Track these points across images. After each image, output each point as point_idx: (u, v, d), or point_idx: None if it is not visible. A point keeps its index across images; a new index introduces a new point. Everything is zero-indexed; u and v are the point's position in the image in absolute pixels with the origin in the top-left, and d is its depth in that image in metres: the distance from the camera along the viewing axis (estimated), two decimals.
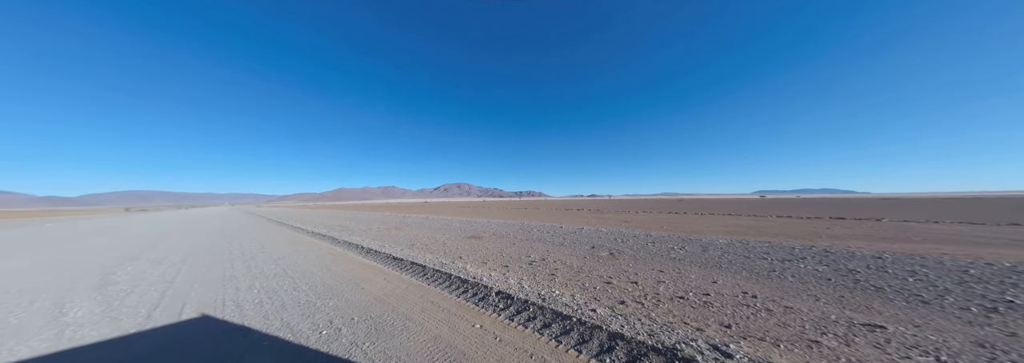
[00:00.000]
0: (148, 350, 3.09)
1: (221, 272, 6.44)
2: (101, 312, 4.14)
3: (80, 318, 3.91)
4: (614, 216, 22.17)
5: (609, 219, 19.29)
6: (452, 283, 5.25)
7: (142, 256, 8.35)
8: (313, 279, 5.79)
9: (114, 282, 5.67)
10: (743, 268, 5.93)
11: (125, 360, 2.91)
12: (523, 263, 6.65)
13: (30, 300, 4.67)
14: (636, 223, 16.14)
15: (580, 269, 6.06)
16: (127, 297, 4.78)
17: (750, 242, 8.98)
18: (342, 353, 3.02)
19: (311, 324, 3.68)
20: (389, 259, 7.51)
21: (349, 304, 4.38)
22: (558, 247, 8.60)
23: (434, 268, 6.17)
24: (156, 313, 4.08)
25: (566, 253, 7.72)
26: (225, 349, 3.09)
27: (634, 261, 6.72)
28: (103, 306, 4.37)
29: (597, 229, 13.00)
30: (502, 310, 4.03)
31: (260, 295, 4.85)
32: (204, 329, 3.58)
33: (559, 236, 10.84)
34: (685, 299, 4.28)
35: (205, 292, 5.02)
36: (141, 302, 4.54)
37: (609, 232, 11.82)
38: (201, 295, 4.86)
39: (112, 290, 5.16)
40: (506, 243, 9.55)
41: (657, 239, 9.82)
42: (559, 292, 4.60)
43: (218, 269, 6.73)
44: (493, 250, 8.36)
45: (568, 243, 9.28)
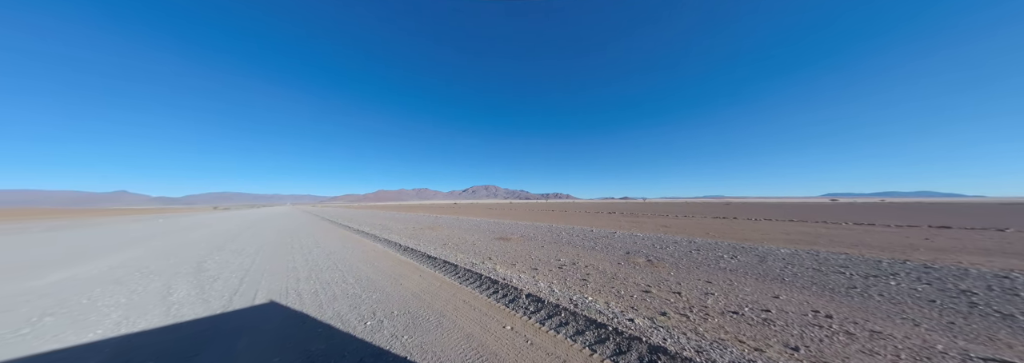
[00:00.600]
0: (230, 329, 3.61)
1: (284, 263, 7.33)
2: (196, 294, 4.96)
3: (181, 299, 4.73)
4: (650, 220, 20.74)
5: (645, 223, 18.09)
6: (482, 283, 5.33)
7: (226, 247, 9.86)
8: (359, 273, 6.31)
9: (205, 269, 6.77)
10: (813, 283, 5.13)
11: (214, 336, 3.43)
12: (552, 266, 6.52)
13: (148, 282, 5.77)
14: (676, 228, 14.92)
15: (614, 275, 5.75)
16: (215, 282, 5.67)
17: (820, 253, 7.75)
18: (384, 344, 3.22)
19: (357, 315, 4.00)
20: (424, 257, 7.90)
21: (389, 298, 4.68)
22: (589, 251, 8.28)
23: (465, 268, 6.33)
24: (235, 298, 4.76)
25: (598, 258, 7.40)
26: (289, 333, 3.49)
27: (676, 269, 6.19)
28: (197, 289, 5.24)
29: (631, 233, 12.27)
30: (533, 313, 3.98)
31: (315, 285, 5.41)
32: (272, 314, 4.10)
33: (589, 240, 10.44)
34: (740, 314, 3.82)
35: (272, 281, 5.74)
36: (225, 287, 5.34)
37: (645, 237, 11.08)
38: (269, 283, 5.57)
39: (204, 276, 6.16)
40: (534, 245, 9.46)
41: (702, 246, 8.95)
42: (592, 298, 4.41)
43: (282, 261, 7.67)
44: (521, 252, 8.34)
45: (599, 247, 8.89)
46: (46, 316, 3.98)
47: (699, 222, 18.81)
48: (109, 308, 4.28)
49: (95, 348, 3.12)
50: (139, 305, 4.40)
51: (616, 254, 7.90)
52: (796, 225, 16.19)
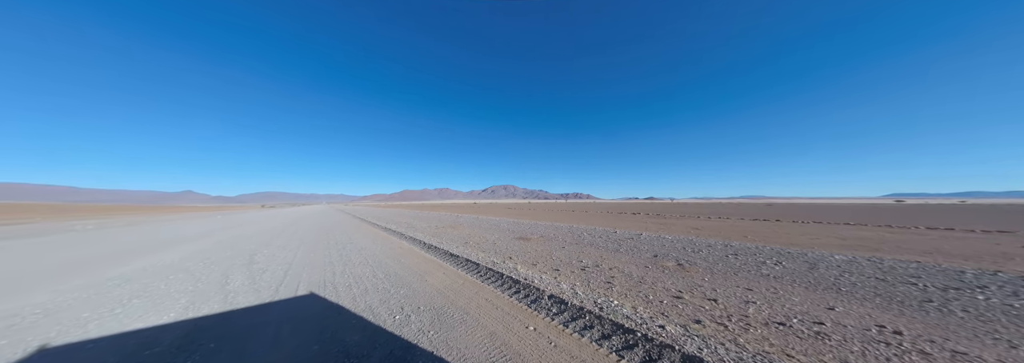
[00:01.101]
0: (277, 317, 3.97)
1: (322, 258, 7.91)
2: (248, 284, 5.51)
3: (236, 288, 5.28)
4: (679, 222, 19.61)
5: (673, 225, 17.14)
6: (504, 282, 5.36)
7: (272, 243, 10.87)
8: (387, 269, 6.63)
9: (256, 262, 7.50)
10: (876, 294, 4.54)
11: (263, 323, 3.79)
12: (575, 268, 6.38)
13: (210, 271, 6.51)
14: (709, 230, 13.96)
15: (641, 279, 5.50)
16: (263, 274, 6.26)
17: (885, 261, 6.84)
18: (412, 338, 3.35)
19: (387, 309, 4.20)
20: (446, 255, 8.11)
21: (416, 293, 4.86)
22: (613, 253, 8.00)
23: (487, 267, 6.41)
24: (281, 288, 5.23)
25: (623, 260, 7.12)
26: (327, 324, 3.76)
27: (710, 275, 5.79)
28: (249, 280, 5.81)
29: (659, 236, 11.68)
30: (555, 315, 3.93)
31: (349, 279, 5.77)
32: (312, 304, 4.44)
33: (613, 241, 10.09)
34: (787, 326, 3.48)
35: (312, 274, 6.22)
36: (272, 278, 5.88)
37: (675, 240, 10.48)
38: (310, 276, 6.04)
39: (255, 268, 6.83)
40: (555, 246, 9.33)
41: (740, 250, 8.29)
42: (618, 302, 4.25)
43: (320, 255, 8.29)
44: (542, 252, 8.27)
45: (624, 250, 8.55)
46: (134, 299, 4.65)
47: (735, 224, 17.45)
48: (180, 294, 4.89)
49: (169, 329, 3.58)
50: (202, 292, 4.99)
51: (643, 257, 7.55)
52: (853, 229, 14.43)
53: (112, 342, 3.23)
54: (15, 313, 4.02)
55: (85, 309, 4.18)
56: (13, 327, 3.57)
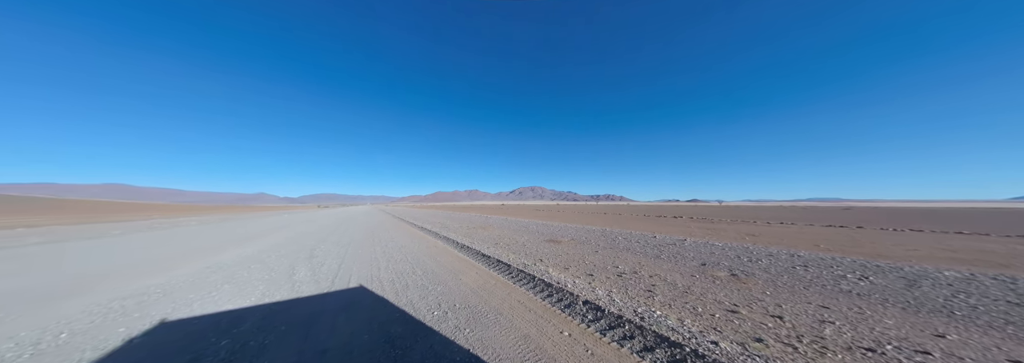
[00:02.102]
0: (336, 306, 4.42)
1: (369, 254, 8.65)
2: (310, 275, 6.24)
3: (301, 279, 6.01)
4: (730, 227, 17.69)
5: (724, 230, 15.51)
6: (536, 285, 5.32)
7: (328, 239, 12.19)
8: (425, 266, 7.01)
9: (315, 256, 8.47)
10: (1008, 322, 3.61)
11: (322, 311, 4.25)
12: (610, 274, 6.10)
13: (280, 263, 7.50)
14: (769, 237, 12.37)
15: (687, 289, 5.06)
16: (322, 267, 7.04)
17: (1020, 280, 5.40)
18: (449, 335, 3.49)
19: (426, 305, 4.44)
20: (478, 255, 8.32)
21: (451, 291, 5.06)
22: (652, 260, 7.47)
23: (518, 268, 6.43)
24: (336, 280, 5.82)
25: (665, 268, 6.62)
26: (374, 315, 4.09)
27: (773, 288, 5.12)
28: (311, 271, 6.58)
29: (707, 242, 10.64)
30: (591, 321, 3.79)
31: (392, 275, 6.22)
32: (363, 296, 4.87)
33: (652, 247, 9.43)
34: (879, 353, 2.93)
35: (361, 268, 6.83)
36: (329, 271, 6.58)
37: (726, 247, 9.47)
38: (360, 270, 6.64)
39: (314, 261, 7.71)
40: (587, 250, 9.02)
41: (811, 261, 7.20)
42: (661, 313, 3.96)
43: (367, 252, 9.07)
44: (574, 256, 8.04)
45: (666, 256, 7.94)
46: (224, 284, 5.55)
47: (801, 231, 15.20)
48: (258, 282, 5.72)
49: (251, 311, 4.21)
50: (274, 281, 5.77)
51: (688, 265, 6.94)
52: (969, 239, 11.65)
53: (210, 320, 3.90)
54: (143, 292, 5.05)
55: (190, 291, 5.10)
56: (142, 303, 4.50)
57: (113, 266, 7.08)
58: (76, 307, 4.26)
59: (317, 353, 3.05)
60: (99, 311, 4.11)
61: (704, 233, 13.92)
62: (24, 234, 14.32)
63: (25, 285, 5.43)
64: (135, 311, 4.15)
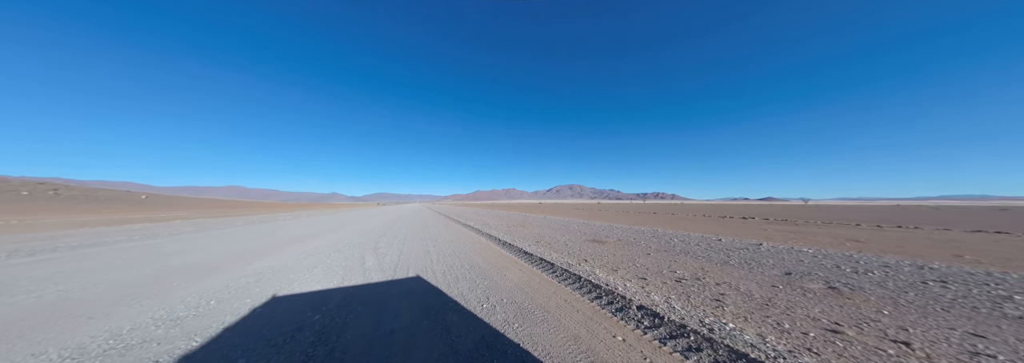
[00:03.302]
0: (398, 293, 4.95)
1: (422, 248, 9.44)
2: (376, 264, 7.07)
3: (370, 266, 6.85)
4: (822, 230, 14.67)
5: (813, 234, 12.96)
6: (582, 285, 5.15)
7: (388, 233, 13.68)
8: (471, 261, 7.36)
9: (379, 247, 9.57)
10: None
11: (389, 296, 4.80)
12: (667, 279, 5.57)
13: (353, 253, 8.67)
14: (881, 244, 9.96)
15: (768, 301, 4.35)
16: (385, 257, 7.92)
17: None
18: (499, 327, 3.60)
19: (475, 297, 4.66)
20: (521, 252, 8.40)
21: (498, 286, 5.21)
22: (719, 266, 6.60)
23: (562, 267, 6.31)
24: (397, 270, 6.50)
25: (735, 275, 5.79)
26: (430, 303, 4.45)
27: (892, 307, 4.10)
28: (377, 261, 7.46)
29: (790, 247, 9.02)
30: (648, 328, 3.52)
31: (444, 267, 6.69)
32: (420, 285, 5.34)
33: (718, 251, 8.34)
34: None
35: (417, 260, 7.50)
36: (391, 261, 7.38)
37: (820, 254, 7.90)
38: (415, 261, 7.31)
39: (379, 252, 8.72)
40: (637, 252, 8.38)
41: (951, 276, 5.58)
42: (735, 325, 3.48)
43: (420, 245, 9.93)
44: (622, 258, 7.55)
45: (737, 262, 6.94)
46: (314, 268, 6.65)
47: (931, 237, 11.83)
48: (338, 267, 6.70)
49: (334, 292, 4.96)
50: (351, 267, 6.69)
51: (767, 273, 5.96)
52: None
53: (306, 297, 4.71)
54: (260, 271, 6.34)
55: (291, 273, 6.22)
56: (260, 280, 5.64)
57: (238, 250, 9.05)
58: (217, 281, 5.57)
59: (387, 333, 3.44)
60: (232, 285, 5.31)
61: (785, 237, 11.78)
62: (180, 224, 19.23)
63: (186, 262, 7.29)
64: (255, 287, 5.24)
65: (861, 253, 8.04)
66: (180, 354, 2.97)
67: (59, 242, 10.29)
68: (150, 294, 4.76)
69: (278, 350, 3.04)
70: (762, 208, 60.60)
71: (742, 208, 61.52)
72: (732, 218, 24.53)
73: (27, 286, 5.07)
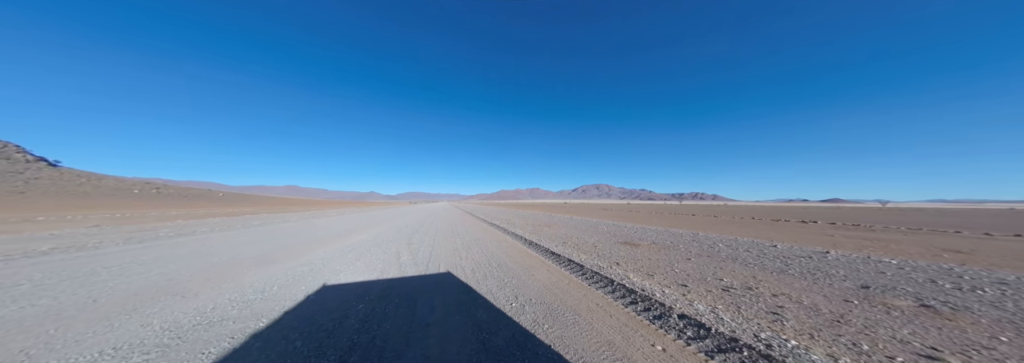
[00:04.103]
0: (431, 287, 5.17)
1: (450, 244, 9.77)
2: (410, 259, 7.45)
3: (405, 261, 7.25)
4: (907, 238, 12.47)
5: (896, 242, 11.08)
6: (615, 290, 4.92)
7: (419, 230, 14.39)
8: (499, 260, 7.43)
9: (412, 243, 10.09)
10: None
11: (423, 290, 5.03)
12: (712, 287, 5.10)
13: (389, 247, 9.25)
14: (993, 256, 8.27)
15: (840, 317, 3.78)
16: (418, 252, 8.33)
17: None
18: (529, 327, 3.57)
19: (504, 296, 4.68)
20: (547, 253, 8.28)
21: (525, 286, 5.19)
22: (775, 275, 5.89)
23: (592, 270, 6.09)
24: (429, 265, 6.79)
25: (796, 286, 5.13)
26: (462, 299, 4.57)
27: (1015, 332, 3.32)
28: (411, 256, 7.87)
29: (866, 257, 7.81)
30: (692, 340, 3.24)
31: (472, 264, 6.84)
32: (450, 281, 5.52)
33: (773, 259, 7.47)
34: None
35: (447, 256, 7.77)
36: (423, 257, 7.73)
37: (906, 266, 6.74)
38: (446, 258, 7.57)
39: (412, 248, 9.19)
40: (675, 256, 7.80)
41: None
42: (798, 343, 3.07)
43: (449, 242, 10.28)
44: (658, 262, 7.08)
45: (797, 272, 6.15)
46: (357, 261, 7.20)
47: None
48: (377, 261, 7.19)
49: (375, 284, 5.32)
50: (388, 261, 7.14)
51: (838, 286, 5.20)
52: None
53: (351, 287, 5.12)
54: (312, 262, 7.03)
55: (338, 264, 6.81)
56: (312, 271, 6.26)
57: (295, 242, 10.14)
58: (278, 269, 6.28)
59: (423, 325, 3.60)
60: (290, 273, 5.96)
61: (859, 245, 10.18)
62: (249, 218, 22.07)
63: (254, 252, 8.34)
64: (309, 275, 5.82)
65: (965, 266, 6.63)
66: (250, 332, 3.39)
67: (160, 232, 12.42)
68: (227, 278, 5.52)
69: (328, 335, 3.33)
70: (826, 211, 52.87)
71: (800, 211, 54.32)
72: (786, 222, 21.78)
73: (137, 269, 6.18)
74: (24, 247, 8.30)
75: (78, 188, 50.73)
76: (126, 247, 8.74)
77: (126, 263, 6.63)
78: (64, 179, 55.25)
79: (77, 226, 13.98)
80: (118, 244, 9.20)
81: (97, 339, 3.16)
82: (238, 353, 2.95)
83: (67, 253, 7.62)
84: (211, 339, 3.21)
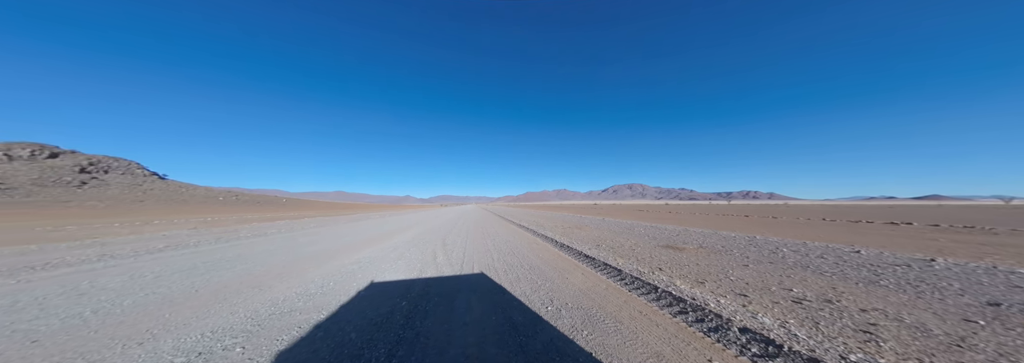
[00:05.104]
0: (467, 287, 5.32)
1: (482, 246, 9.95)
2: (445, 259, 7.75)
3: (441, 261, 7.56)
4: None
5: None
6: (660, 297, 4.58)
7: (452, 231, 14.94)
8: (530, 262, 7.38)
9: (447, 244, 10.50)
10: None
11: (458, 290, 5.18)
12: (779, 298, 4.48)
13: (426, 248, 9.74)
14: None
15: (961, 341, 3.12)
16: (452, 253, 8.63)
17: None
18: (567, 332, 3.46)
19: (539, 298, 4.62)
20: (581, 256, 8.01)
21: (559, 289, 5.06)
22: (863, 286, 5.01)
23: (632, 275, 5.74)
24: (464, 265, 6.99)
25: (895, 301, 4.30)
26: (496, 300, 4.61)
27: None
28: (446, 256, 8.18)
29: (989, 267, 6.36)
30: (759, 357, 2.89)
31: (504, 266, 6.88)
32: (484, 282, 5.61)
33: (858, 267, 6.37)
34: None
35: (479, 257, 7.93)
36: (457, 257, 7.99)
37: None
38: (478, 259, 7.74)
39: (447, 248, 9.56)
40: (729, 262, 7.02)
41: None
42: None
43: (480, 243, 10.49)
44: (709, 268, 6.43)
45: (892, 283, 5.17)
46: (399, 260, 7.69)
47: None
48: (416, 261, 7.60)
49: (416, 282, 5.62)
50: (426, 261, 7.51)
51: (953, 301, 4.27)
52: None
53: (395, 285, 5.47)
54: (360, 261, 7.66)
55: (382, 263, 7.34)
56: (362, 268, 6.82)
57: (346, 242, 11.16)
58: (333, 267, 6.96)
59: (462, 324, 3.70)
60: (344, 271, 6.56)
61: (976, 251, 8.25)
62: (308, 221, 24.86)
63: (313, 251, 9.35)
64: (359, 273, 6.36)
65: None
66: (314, 322, 3.79)
67: (240, 233, 14.54)
68: (293, 274, 6.26)
69: (378, 328, 3.59)
70: (922, 210, 43.57)
71: (886, 210, 45.60)
72: (870, 223, 18.40)
73: (225, 264, 7.28)
74: (147, 245, 10.29)
75: (179, 196, 61.99)
76: (216, 246, 10.38)
77: (216, 259, 7.86)
78: (170, 189, 67.88)
79: (181, 228, 16.99)
80: (211, 243, 10.96)
81: (199, 323, 3.77)
82: (305, 340, 3.31)
83: (176, 250, 9.28)
84: (283, 327, 3.65)
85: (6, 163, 53.90)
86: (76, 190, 50.21)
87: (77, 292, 4.94)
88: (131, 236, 12.97)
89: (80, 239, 11.71)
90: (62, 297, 4.68)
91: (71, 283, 5.46)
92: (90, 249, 9.29)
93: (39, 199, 40.61)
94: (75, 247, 9.71)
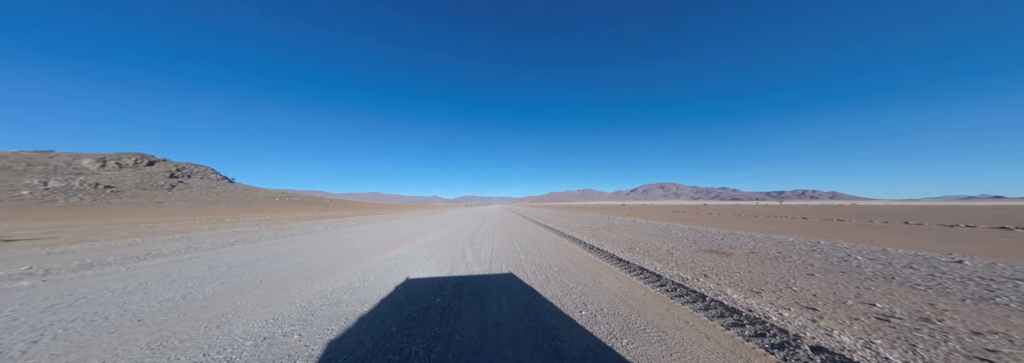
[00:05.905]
0: (497, 286, 5.34)
1: (509, 246, 9.97)
2: (474, 259, 7.87)
3: (470, 260, 7.70)
4: None
5: None
6: (708, 307, 4.18)
7: (478, 230, 15.21)
8: (560, 264, 7.21)
9: (474, 243, 10.70)
10: None
11: (488, 289, 5.22)
12: (858, 313, 3.87)
13: (454, 246, 10.01)
14: None
15: None
16: (480, 252, 8.76)
17: None
18: (605, 340, 3.29)
19: (571, 302, 4.48)
20: (613, 259, 7.65)
21: (593, 294, 4.86)
22: (971, 304, 4.16)
23: (674, 281, 5.34)
24: (492, 265, 7.04)
25: (1017, 324, 3.51)
26: (527, 301, 4.56)
27: None
28: (474, 255, 8.32)
29: None
30: None
31: (533, 267, 6.81)
32: (513, 282, 5.59)
33: (962, 281, 5.31)
34: None
35: (507, 257, 7.94)
36: (485, 257, 8.09)
37: None
38: (506, 259, 7.75)
39: (474, 247, 9.73)
40: (789, 270, 6.24)
41: None
42: None
43: (507, 243, 10.52)
44: (765, 277, 5.76)
45: (1014, 301, 4.23)
46: (430, 258, 7.99)
47: None
48: (446, 259, 7.84)
49: (448, 280, 5.79)
50: (456, 259, 7.71)
51: None
52: None
53: (429, 282, 5.67)
54: (396, 258, 8.09)
55: (416, 260, 7.67)
56: (399, 264, 7.19)
57: (383, 240, 11.90)
58: (372, 263, 7.43)
59: (494, 325, 3.71)
60: (382, 267, 6.97)
61: None
62: (348, 219, 26.94)
63: (354, 247, 10.09)
64: (395, 269, 6.72)
65: None
66: (358, 315, 4.05)
67: (294, 230, 16.22)
68: (339, 268, 6.79)
69: (416, 323, 3.73)
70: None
71: (991, 212, 37.54)
72: (972, 227, 15.23)
73: (283, 258, 8.13)
74: (221, 240, 11.90)
75: (244, 197, 71.06)
76: (275, 241, 11.66)
77: (275, 253, 8.82)
78: (237, 191, 77.98)
79: (246, 225, 19.40)
80: (270, 239, 12.35)
81: (263, 310, 4.23)
82: (352, 331, 3.55)
83: (244, 245, 10.59)
84: (332, 318, 3.95)
85: (117, 171, 66.24)
86: (167, 192, 60.07)
87: (170, 279, 5.84)
88: (209, 232, 15.09)
89: (172, 234, 13.94)
90: (159, 283, 5.56)
91: (165, 271, 6.48)
92: (179, 243, 10.99)
93: (141, 200, 49.27)
94: (168, 241, 11.59)
